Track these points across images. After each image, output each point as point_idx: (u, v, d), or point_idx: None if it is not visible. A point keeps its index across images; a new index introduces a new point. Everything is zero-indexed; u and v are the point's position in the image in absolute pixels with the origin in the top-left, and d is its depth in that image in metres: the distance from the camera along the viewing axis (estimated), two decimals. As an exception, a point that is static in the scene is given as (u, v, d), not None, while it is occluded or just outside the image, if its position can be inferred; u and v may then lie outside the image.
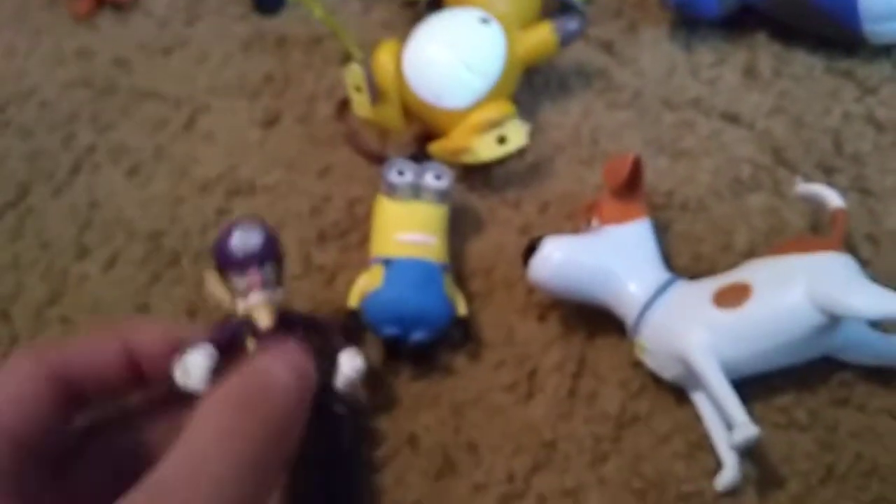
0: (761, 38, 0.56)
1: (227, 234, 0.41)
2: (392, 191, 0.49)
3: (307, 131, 0.59)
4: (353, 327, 0.47)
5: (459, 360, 0.48)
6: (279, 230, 0.55)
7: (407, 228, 0.48)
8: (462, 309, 0.48)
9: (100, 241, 0.57)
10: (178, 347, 0.37)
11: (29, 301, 0.55)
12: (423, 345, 0.46)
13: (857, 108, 0.52)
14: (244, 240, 0.41)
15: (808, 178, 0.48)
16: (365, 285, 0.47)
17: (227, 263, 0.41)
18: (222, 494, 0.30)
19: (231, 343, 0.39)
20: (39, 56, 0.69)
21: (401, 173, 0.49)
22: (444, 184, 0.49)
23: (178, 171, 0.60)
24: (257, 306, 0.40)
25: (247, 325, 0.40)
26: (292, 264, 0.53)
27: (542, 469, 0.44)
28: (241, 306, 0.40)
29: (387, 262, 0.47)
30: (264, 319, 0.40)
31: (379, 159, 0.54)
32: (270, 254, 0.42)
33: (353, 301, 0.47)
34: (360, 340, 0.47)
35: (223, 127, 0.61)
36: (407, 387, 0.48)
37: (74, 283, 0.56)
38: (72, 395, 0.36)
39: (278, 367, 0.35)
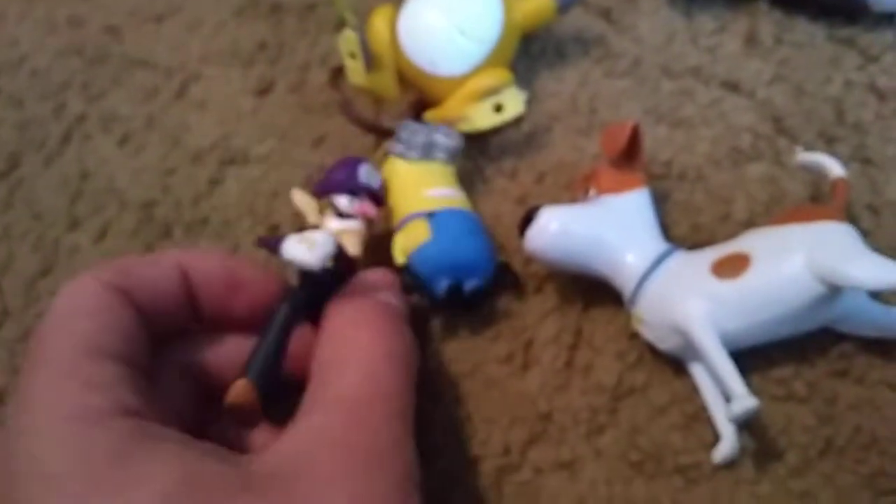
0: (762, 5, 0.55)
1: (354, 163, 0.44)
2: (406, 151, 0.48)
3: (301, 100, 0.58)
4: (406, 284, 0.46)
5: (457, 333, 0.47)
6: (272, 200, 0.55)
7: (434, 184, 0.48)
8: (501, 256, 0.48)
9: (91, 212, 0.57)
10: (234, 283, 0.41)
11: (20, 272, 0.54)
12: (478, 292, 0.46)
13: (858, 76, 0.51)
14: (371, 175, 0.45)
15: (809, 148, 0.48)
16: (408, 241, 0.46)
17: (345, 184, 0.44)
18: (392, 407, 0.36)
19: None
20: (30, 23, 0.68)
21: (414, 133, 0.48)
22: (455, 141, 0.49)
23: (169, 140, 0.59)
24: (355, 231, 0.42)
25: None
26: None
27: (538, 441, 0.44)
28: (335, 225, 0.43)
29: (430, 216, 0.46)
30: (355, 246, 0.42)
31: (373, 128, 0.54)
32: (379, 201, 0.45)
33: (401, 258, 0.46)
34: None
35: (216, 95, 0.60)
36: (402, 358, 0.47)
37: (66, 254, 0.55)
38: (138, 309, 0.37)
39: (393, 298, 0.42)
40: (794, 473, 0.41)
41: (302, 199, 0.44)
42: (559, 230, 0.44)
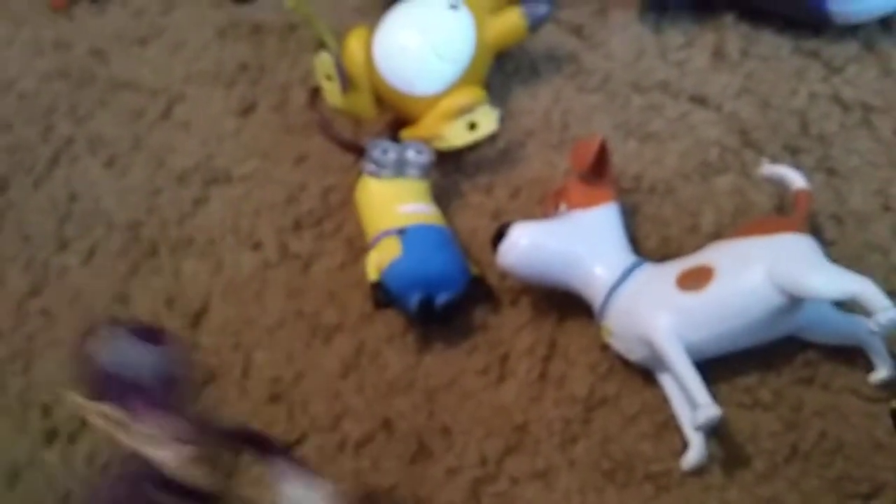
0: (729, 19, 0.56)
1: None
2: (378, 169, 0.50)
3: (282, 120, 0.60)
4: (379, 300, 0.47)
5: (432, 346, 0.49)
6: (255, 219, 0.56)
7: (405, 201, 0.49)
8: (475, 269, 0.49)
9: (79, 233, 0.58)
10: None
11: (10, 293, 0.56)
12: (451, 305, 0.47)
13: (823, 87, 0.52)
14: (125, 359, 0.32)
15: (775, 160, 0.49)
16: (381, 258, 0.47)
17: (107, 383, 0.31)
18: None
19: None
20: (18, 47, 0.69)
21: (385, 152, 0.49)
22: (426, 158, 0.50)
23: (155, 160, 0.60)
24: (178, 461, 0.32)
25: None
26: (269, 252, 0.54)
27: (514, 452, 0.45)
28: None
29: (401, 232, 0.47)
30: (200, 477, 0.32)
31: (352, 148, 0.55)
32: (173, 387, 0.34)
33: (373, 274, 0.47)
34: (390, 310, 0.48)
35: (199, 116, 0.61)
36: (380, 373, 0.48)
37: (55, 276, 0.56)
38: None
39: None
40: (761, 479, 0.42)
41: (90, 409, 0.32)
42: (529, 245, 0.45)
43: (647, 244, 0.48)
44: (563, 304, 0.48)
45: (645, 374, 0.45)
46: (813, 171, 0.49)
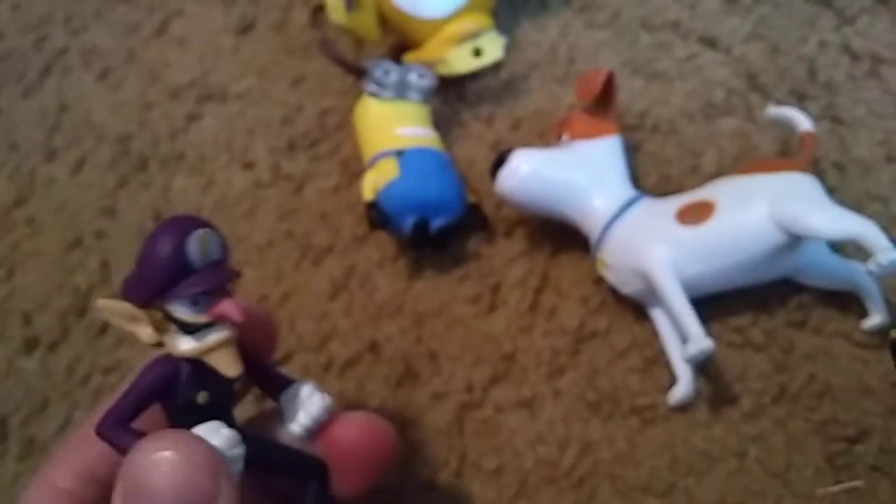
0: (745, -38, 0.55)
1: (180, 238, 0.28)
2: (379, 90, 0.48)
3: (282, 39, 0.58)
4: (374, 220, 0.46)
5: (423, 273, 0.48)
6: (249, 138, 0.55)
7: (405, 123, 0.48)
8: (471, 197, 0.48)
9: (68, 144, 0.57)
10: None
11: (-5, 200, 0.55)
12: (446, 231, 0.47)
13: (833, 37, 0.52)
14: (209, 246, 0.29)
15: (781, 105, 0.48)
16: (377, 178, 0.47)
17: (175, 279, 0.28)
18: None
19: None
20: (12, -45, 0.68)
21: (387, 72, 0.48)
22: (428, 81, 0.49)
23: (149, 75, 0.59)
24: (222, 343, 0.30)
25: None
26: (262, 172, 0.53)
27: (501, 380, 0.45)
28: (188, 347, 0.29)
29: (399, 154, 0.47)
30: (231, 365, 0.30)
31: (352, 69, 0.54)
32: (229, 278, 0.30)
33: (369, 194, 0.47)
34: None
35: (196, 32, 0.60)
36: (370, 296, 0.48)
37: (42, 186, 0.55)
38: None
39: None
40: (747, 418, 0.42)
41: (115, 309, 0.29)
42: (530, 172, 0.44)
43: (647, 182, 0.48)
44: (557, 237, 0.47)
45: (636, 309, 0.45)
46: (818, 119, 0.48)
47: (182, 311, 0.28)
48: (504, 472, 0.42)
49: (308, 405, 0.33)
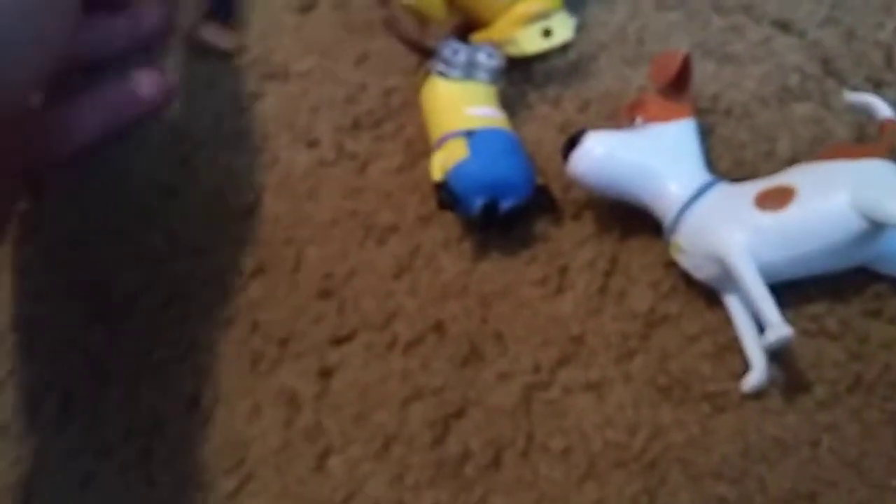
0: (820, -55, 0.54)
1: None
2: (448, 69, 0.48)
3: (344, 17, 0.58)
4: (444, 200, 0.46)
5: (489, 254, 0.48)
6: (312, 117, 0.55)
7: (475, 103, 0.48)
8: (540, 178, 0.48)
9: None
10: None
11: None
12: (514, 213, 0.46)
13: (912, 22, 0.51)
14: None
15: (857, 91, 0.47)
16: (446, 158, 0.46)
17: None
18: None
19: None
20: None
21: (455, 52, 0.48)
22: (497, 62, 0.48)
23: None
24: None
25: None
26: (326, 151, 0.53)
27: (568, 362, 0.44)
28: None
29: (469, 134, 0.46)
30: None
31: (418, 48, 0.53)
32: None
33: (438, 174, 0.46)
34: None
35: (258, 10, 0.60)
36: (434, 276, 0.48)
37: (97, 163, 0.56)
38: None
39: None
40: (821, 407, 0.41)
41: None
42: (604, 154, 0.44)
43: (720, 166, 0.47)
44: (626, 220, 0.47)
45: (709, 295, 0.44)
46: (895, 106, 0.47)
47: None
48: (572, 453, 0.42)
49: None
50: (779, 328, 0.39)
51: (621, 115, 0.48)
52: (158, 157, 0.55)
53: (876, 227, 0.40)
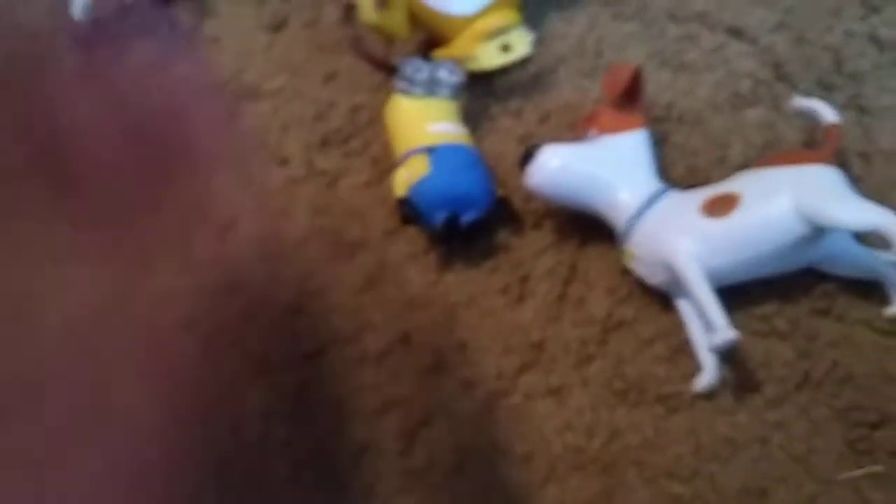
0: (771, -48, 0.56)
1: None
2: (410, 87, 0.50)
3: (314, 37, 0.60)
4: (406, 216, 0.48)
5: (453, 265, 0.49)
6: (283, 135, 0.56)
7: (435, 120, 0.50)
8: (500, 190, 0.49)
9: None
10: None
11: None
12: (476, 225, 0.48)
13: (859, 26, 0.52)
14: None
15: (807, 95, 0.48)
16: (409, 175, 0.48)
17: None
18: None
19: None
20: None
21: (417, 69, 0.50)
22: (457, 78, 0.50)
23: (186, 73, 0.60)
24: None
25: None
26: (296, 168, 0.54)
27: (529, 369, 0.46)
28: None
29: (430, 150, 0.48)
30: None
31: (383, 66, 0.55)
32: None
33: (401, 190, 0.48)
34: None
35: (230, 31, 0.61)
36: (401, 289, 0.49)
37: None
38: None
39: None
40: (770, 405, 0.43)
41: None
42: (558, 167, 0.45)
43: (674, 173, 0.49)
44: (584, 229, 0.48)
45: (662, 299, 0.46)
46: (844, 109, 0.49)
47: None
48: (533, 457, 0.44)
49: None
50: (724, 332, 0.40)
51: (578, 127, 0.49)
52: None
53: (819, 231, 0.41)
